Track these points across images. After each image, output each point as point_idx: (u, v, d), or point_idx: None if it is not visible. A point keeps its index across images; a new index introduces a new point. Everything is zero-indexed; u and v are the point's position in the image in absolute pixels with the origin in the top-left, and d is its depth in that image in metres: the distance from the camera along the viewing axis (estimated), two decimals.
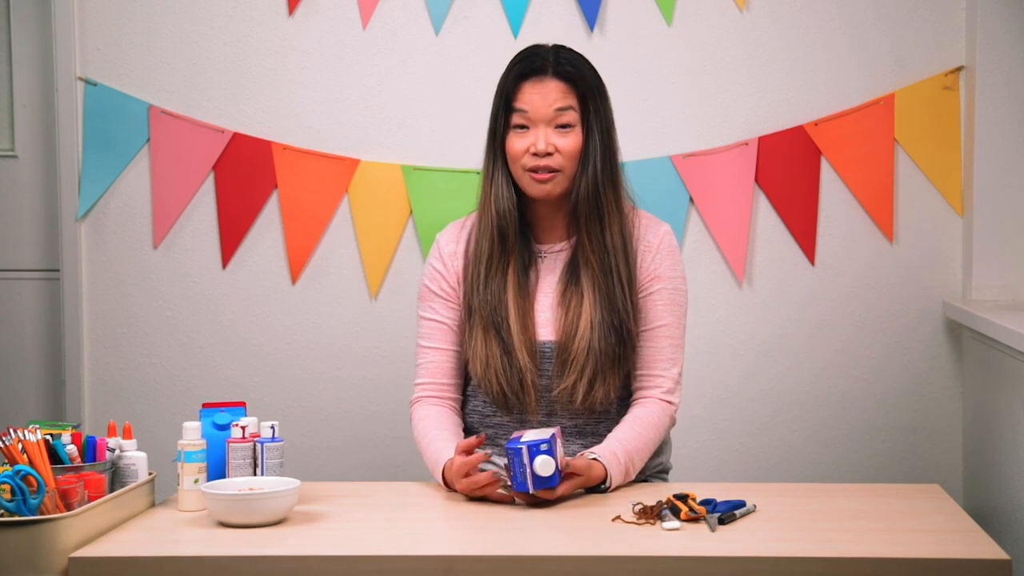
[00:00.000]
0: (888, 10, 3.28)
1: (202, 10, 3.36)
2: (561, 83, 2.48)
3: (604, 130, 2.51)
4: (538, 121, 2.47)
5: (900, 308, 3.33)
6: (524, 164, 2.48)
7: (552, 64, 2.49)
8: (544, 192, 2.49)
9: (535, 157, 2.47)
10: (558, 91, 2.48)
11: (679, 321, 2.55)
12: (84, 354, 3.41)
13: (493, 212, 2.51)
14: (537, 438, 2.26)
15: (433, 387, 2.57)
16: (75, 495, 2.13)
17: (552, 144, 2.47)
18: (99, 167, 3.37)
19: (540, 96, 2.48)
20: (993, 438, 3.04)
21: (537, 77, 2.48)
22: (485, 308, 2.50)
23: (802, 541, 2.09)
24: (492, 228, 2.52)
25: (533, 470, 2.23)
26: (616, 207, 2.51)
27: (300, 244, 3.37)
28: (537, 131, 2.47)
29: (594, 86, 2.51)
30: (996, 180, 3.23)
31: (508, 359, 2.48)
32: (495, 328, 2.49)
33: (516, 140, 2.49)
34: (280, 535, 2.14)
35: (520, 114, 2.48)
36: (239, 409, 2.45)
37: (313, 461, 3.36)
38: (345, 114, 3.36)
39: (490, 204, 2.52)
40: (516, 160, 2.49)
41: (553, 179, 2.48)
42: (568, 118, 2.48)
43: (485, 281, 2.52)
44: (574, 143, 2.48)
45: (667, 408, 2.52)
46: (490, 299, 2.50)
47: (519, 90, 2.49)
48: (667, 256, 2.55)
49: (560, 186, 2.49)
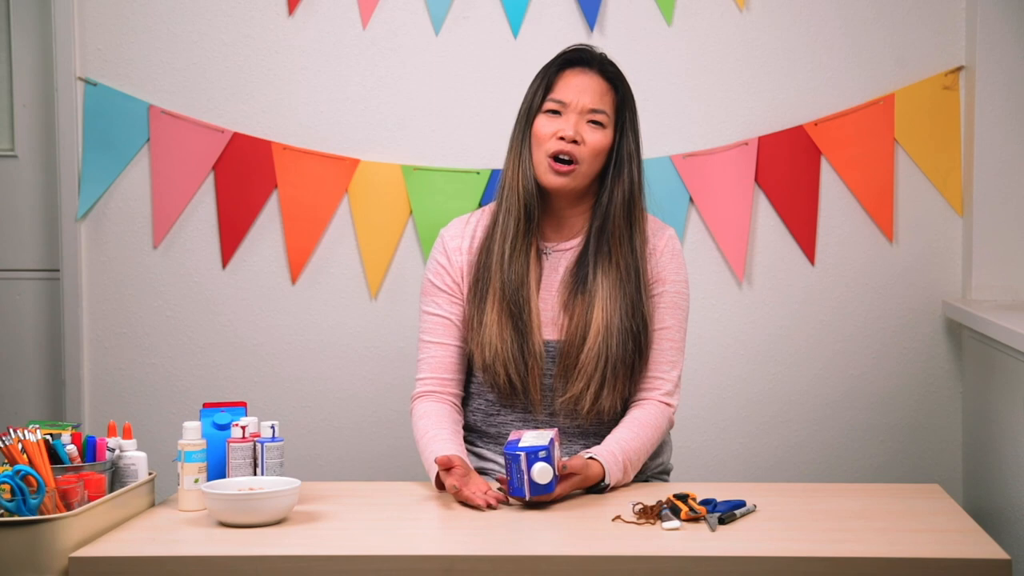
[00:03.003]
0: (888, 10, 3.28)
1: (202, 10, 3.36)
2: (603, 81, 2.52)
3: (637, 139, 2.54)
4: (572, 110, 2.49)
5: (900, 308, 3.33)
6: (548, 148, 2.48)
7: (599, 62, 2.53)
8: (560, 184, 2.49)
9: (560, 141, 2.47)
10: (599, 87, 2.51)
11: (680, 324, 2.55)
12: (84, 354, 3.41)
13: (521, 189, 2.51)
14: (535, 443, 2.25)
15: (435, 382, 2.56)
16: (75, 495, 2.13)
17: (580, 134, 2.47)
18: (99, 167, 3.37)
19: (580, 87, 2.50)
20: (993, 438, 3.04)
21: (582, 68, 2.52)
22: (509, 286, 2.49)
23: (802, 541, 2.09)
24: (519, 205, 2.51)
25: (531, 477, 2.23)
26: (644, 214, 2.55)
27: (300, 244, 3.37)
28: (569, 118, 2.48)
29: (630, 98, 2.55)
30: (996, 180, 3.23)
31: (521, 343, 2.47)
32: (514, 308, 2.48)
33: (546, 123, 2.50)
34: (280, 535, 2.15)
35: (556, 101, 2.50)
36: (239, 409, 2.45)
37: (313, 461, 3.36)
38: (345, 114, 3.36)
39: (518, 182, 2.51)
40: (541, 143, 2.49)
41: (572, 172, 2.48)
42: (601, 117, 2.49)
43: (510, 260, 2.50)
44: (601, 141, 2.49)
45: (666, 410, 2.52)
46: (513, 279, 2.49)
47: (561, 76, 2.52)
48: (671, 260, 2.55)
49: (576, 181, 2.49)
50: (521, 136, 2.53)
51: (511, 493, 2.26)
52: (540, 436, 2.30)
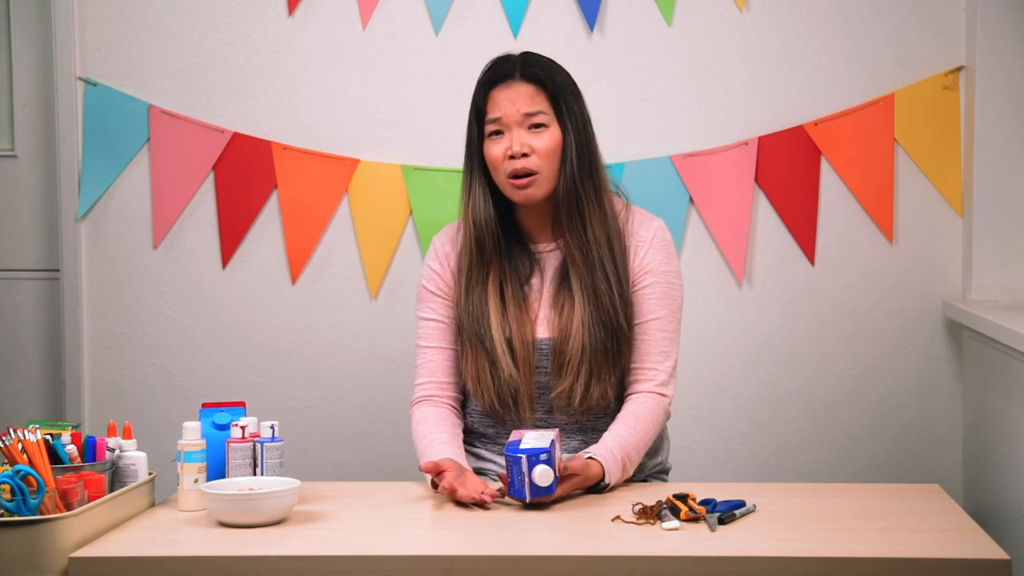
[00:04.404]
0: (888, 10, 3.28)
1: (202, 10, 3.36)
2: (529, 85, 2.51)
3: (579, 127, 2.52)
4: (511, 124, 2.49)
5: (900, 308, 3.33)
6: (504, 170, 2.49)
7: (519, 68, 2.52)
8: (525, 197, 2.50)
9: (513, 160, 2.48)
10: (527, 93, 2.50)
11: (672, 315, 2.55)
12: (84, 354, 3.41)
13: (471, 223, 2.54)
14: (536, 445, 2.25)
15: (433, 386, 2.57)
16: (75, 495, 2.13)
17: (527, 144, 2.48)
18: (99, 167, 3.37)
19: (509, 100, 2.50)
20: (993, 438, 3.04)
21: (505, 83, 2.51)
22: (468, 319, 2.52)
23: (802, 541, 2.09)
24: (470, 240, 2.54)
25: (531, 479, 2.23)
26: (596, 202, 2.52)
27: (300, 244, 3.37)
28: (511, 134, 2.49)
29: (564, 85, 2.53)
30: (996, 180, 3.23)
31: (494, 370, 2.49)
32: (479, 339, 2.50)
33: (493, 146, 2.51)
34: (280, 535, 2.15)
35: (493, 121, 2.50)
36: (239, 409, 2.45)
37: (313, 461, 3.36)
38: (345, 114, 3.36)
39: (468, 216, 2.55)
40: (497, 167, 2.50)
41: (533, 182, 2.49)
42: (540, 118, 2.49)
43: (466, 293, 2.54)
44: (549, 142, 2.49)
45: (661, 401, 2.52)
46: (471, 311, 2.52)
47: (489, 97, 2.52)
48: (660, 250, 2.55)
49: (541, 188, 2.50)
50: (470, 169, 2.56)
51: (511, 494, 2.26)
52: (541, 437, 2.30)
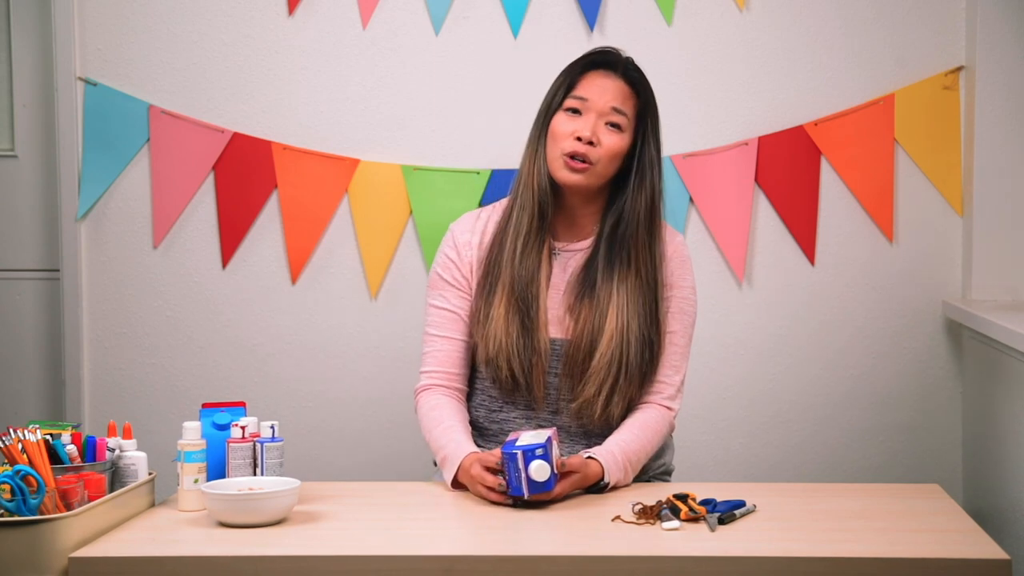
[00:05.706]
0: (888, 10, 3.28)
1: (202, 10, 3.36)
2: (626, 85, 2.51)
3: (659, 146, 2.53)
4: (593, 110, 2.48)
5: (900, 308, 3.33)
6: (564, 147, 2.47)
7: (623, 66, 2.53)
8: (574, 180, 2.48)
9: (577, 142, 2.46)
10: (621, 90, 2.50)
11: (686, 330, 2.55)
12: (84, 354, 3.41)
13: (535, 186, 2.51)
14: (533, 442, 2.25)
15: (441, 375, 2.56)
16: (75, 495, 2.13)
17: (597, 136, 2.47)
18: (99, 167, 3.37)
19: (603, 88, 2.49)
20: (993, 438, 3.04)
21: (606, 70, 2.51)
22: (518, 283, 2.49)
23: (802, 541, 2.09)
24: (533, 202, 2.51)
25: (528, 475, 2.23)
26: (663, 223, 2.55)
27: (300, 244, 3.37)
28: (588, 119, 2.48)
29: (653, 105, 2.54)
30: (996, 180, 3.23)
31: (527, 340, 2.47)
32: (522, 305, 2.48)
33: (564, 121, 2.49)
34: (280, 535, 2.14)
35: (577, 99, 2.49)
36: (239, 409, 2.45)
37: (313, 461, 3.36)
38: (345, 114, 3.36)
39: (533, 180, 2.51)
40: (558, 141, 2.49)
41: (587, 170, 2.47)
42: (621, 120, 2.49)
43: (521, 255, 2.50)
44: (618, 144, 2.48)
45: (667, 414, 2.52)
46: (524, 275, 2.49)
47: (585, 76, 2.51)
48: (679, 266, 2.56)
49: (590, 180, 2.49)
50: (539, 133, 2.53)
51: (510, 492, 2.26)
52: (537, 435, 2.30)
